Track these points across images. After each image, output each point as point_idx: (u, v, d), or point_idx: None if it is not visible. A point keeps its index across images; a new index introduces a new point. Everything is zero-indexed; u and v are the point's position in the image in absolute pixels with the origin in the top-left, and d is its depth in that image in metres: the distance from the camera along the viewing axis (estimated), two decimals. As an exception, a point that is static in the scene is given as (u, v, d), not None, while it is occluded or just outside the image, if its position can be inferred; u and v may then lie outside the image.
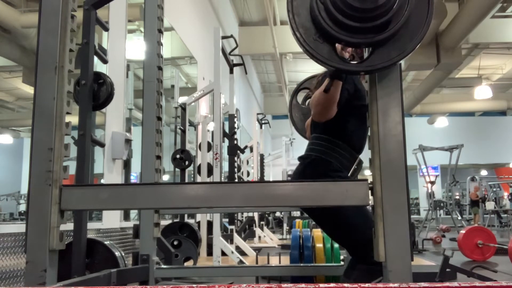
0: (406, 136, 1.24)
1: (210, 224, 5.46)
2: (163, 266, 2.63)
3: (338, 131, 1.90)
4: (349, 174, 1.87)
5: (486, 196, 13.89)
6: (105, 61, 2.66)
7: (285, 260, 3.43)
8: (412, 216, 1.30)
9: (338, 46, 1.25)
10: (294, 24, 1.19)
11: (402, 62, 1.22)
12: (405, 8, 1.15)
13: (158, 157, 2.45)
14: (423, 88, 12.45)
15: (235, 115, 5.50)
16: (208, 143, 5.82)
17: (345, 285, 0.88)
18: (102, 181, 4.42)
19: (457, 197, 15.76)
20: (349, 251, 1.95)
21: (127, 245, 4.35)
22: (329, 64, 1.18)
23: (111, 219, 4.21)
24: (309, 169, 1.89)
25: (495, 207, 12.80)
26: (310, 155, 1.91)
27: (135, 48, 5.49)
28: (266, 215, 9.85)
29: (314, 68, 13.75)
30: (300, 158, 1.97)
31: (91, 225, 3.76)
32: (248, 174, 9.09)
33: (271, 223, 11.79)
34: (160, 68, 2.54)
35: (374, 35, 1.14)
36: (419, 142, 10.39)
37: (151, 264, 2.40)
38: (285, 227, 9.42)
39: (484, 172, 21.11)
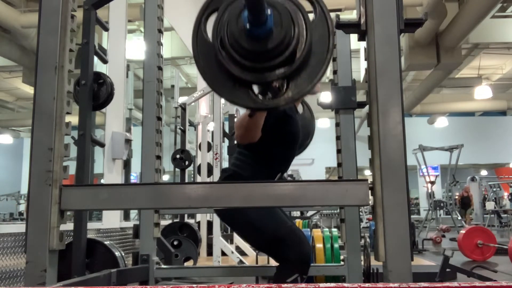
0: (406, 136, 1.24)
1: (210, 224, 5.46)
2: (163, 266, 2.62)
3: (260, 152, 1.93)
4: None
5: (486, 196, 13.90)
6: (105, 61, 2.66)
7: (285, 260, 3.42)
8: (412, 216, 1.30)
9: None
10: (210, 81, 1.21)
11: (402, 61, 1.23)
12: (305, 35, 1.16)
13: (158, 157, 2.45)
14: (423, 88, 12.43)
15: (235, 115, 5.50)
16: (208, 143, 5.82)
17: (345, 285, 0.88)
18: (102, 181, 4.42)
19: (457, 197, 15.74)
20: (265, 252, 1.99)
21: (127, 245, 4.35)
22: (248, 106, 1.22)
23: (111, 219, 4.21)
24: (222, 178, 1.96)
25: (495, 207, 12.80)
26: (229, 169, 1.97)
27: (135, 48, 5.49)
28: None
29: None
30: (222, 171, 2.02)
31: (91, 225, 3.76)
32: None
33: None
34: (160, 68, 2.54)
35: (285, 69, 1.16)
36: (419, 142, 10.39)
37: (151, 264, 2.40)
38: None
39: (484, 172, 21.10)
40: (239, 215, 1.88)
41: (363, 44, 1.32)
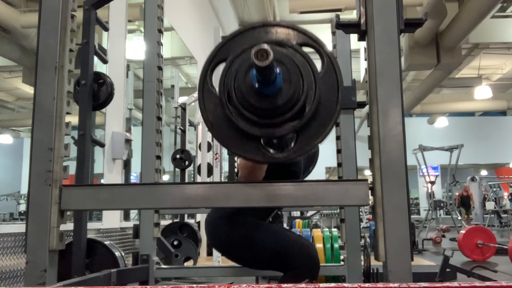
0: (406, 136, 1.24)
1: (210, 224, 5.45)
2: (163, 266, 2.62)
3: None
4: None
5: (486, 196, 13.89)
6: (105, 61, 2.66)
7: (285, 260, 3.42)
8: (412, 216, 1.30)
9: None
10: (217, 135, 1.19)
11: (402, 61, 1.23)
12: (314, 88, 1.15)
13: (158, 157, 2.45)
14: (423, 88, 12.43)
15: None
16: (208, 143, 5.82)
17: (345, 285, 0.88)
18: (102, 181, 4.42)
19: (457, 197, 15.75)
20: (273, 269, 1.98)
21: (127, 245, 4.35)
22: (258, 160, 1.21)
23: (111, 219, 4.21)
24: (221, 212, 1.97)
25: (495, 207, 12.80)
26: None
27: (135, 48, 5.49)
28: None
29: (314, 68, 13.73)
30: None
31: (91, 225, 3.76)
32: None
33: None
34: (160, 68, 2.54)
35: (294, 123, 1.15)
36: (419, 142, 10.40)
37: (151, 264, 2.40)
38: (285, 227, 9.40)
39: (484, 172, 21.10)
40: (238, 245, 1.89)
41: (363, 44, 1.32)
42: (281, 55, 1.14)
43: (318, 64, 1.22)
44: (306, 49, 1.22)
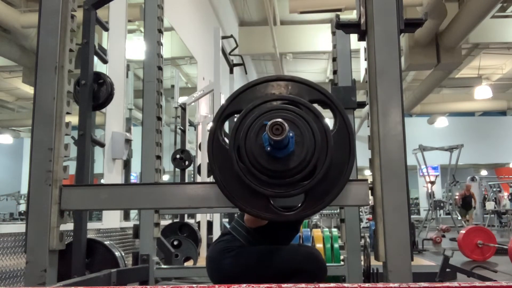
0: (406, 136, 1.24)
1: (210, 224, 5.46)
2: (163, 266, 2.62)
3: (264, 230, 1.93)
4: None
5: (486, 196, 13.89)
6: (105, 61, 2.66)
7: (285, 260, 3.41)
8: (412, 216, 1.30)
9: None
10: (227, 192, 1.19)
11: (402, 61, 1.22)
12: (326, 149, 1.16)
13: (158, 157, 2.45)
14: (423, 88, 12.42)
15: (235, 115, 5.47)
16: (208, 143, 5.80)
17: (345, 285, 0.88)
18: (102, 181, 4.42)
19: (458, 197, 15.74)
20: (285, 281, 1.98)
21: (127, 245, 4.35)
22: (267, 218, 1.21)
23: (111, 219, 4.21)
24: (223, 245, 1.96)
25: (495, 207, 12.80)
26: (232, 235, 1.98)
27: (135, 48, 5.48)
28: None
29: (314, 68, 13.73)
30: (222, 234, 2.06)
31: (91, 225, 3.76)
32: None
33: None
34: (160, 68, 2.54)
35: (305, 183, 1.15)
36: (419, 142, 10.38)
37: (151, 264, 2.40)
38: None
39: (484, 172, 21.09)
40: (247, 276, 1.88)
41: (363, 44, 1.32)
42: (294, 117, 1.14)
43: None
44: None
